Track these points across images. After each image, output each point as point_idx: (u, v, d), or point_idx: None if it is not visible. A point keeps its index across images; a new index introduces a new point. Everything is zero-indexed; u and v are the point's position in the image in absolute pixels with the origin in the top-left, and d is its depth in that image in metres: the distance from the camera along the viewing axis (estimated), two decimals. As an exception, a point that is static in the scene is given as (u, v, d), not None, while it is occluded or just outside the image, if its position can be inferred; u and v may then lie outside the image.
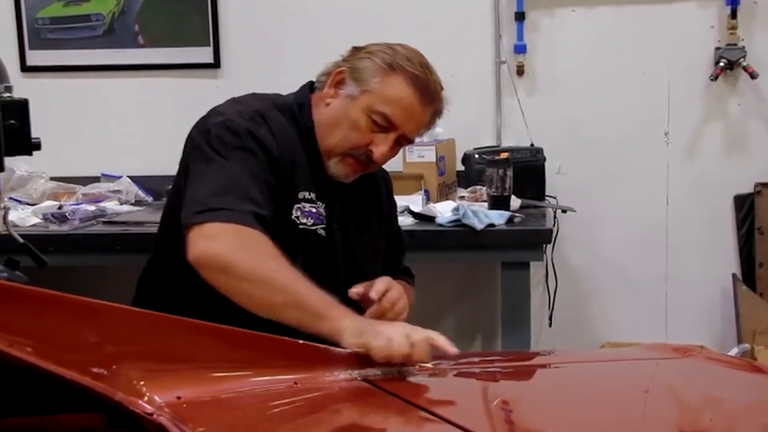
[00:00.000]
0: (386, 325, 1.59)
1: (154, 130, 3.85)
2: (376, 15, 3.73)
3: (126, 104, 3.88)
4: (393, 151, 1.99)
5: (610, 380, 1.67)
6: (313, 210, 1.96)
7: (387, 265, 2.15)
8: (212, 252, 1.70)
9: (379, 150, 1.93)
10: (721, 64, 3.58)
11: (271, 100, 2.03)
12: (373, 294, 1.84)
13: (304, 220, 1.95)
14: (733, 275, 3.68)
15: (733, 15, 3.56)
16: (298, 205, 1.94)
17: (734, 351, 2.86)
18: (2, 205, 1.92)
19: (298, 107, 2.02)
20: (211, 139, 1.88)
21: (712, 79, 3.59)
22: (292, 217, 1.93)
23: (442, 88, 2.00)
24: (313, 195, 1.97)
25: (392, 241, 2.22)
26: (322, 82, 2.01)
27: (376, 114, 1.91)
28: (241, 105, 1.97)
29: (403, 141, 1.98)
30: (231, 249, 1.70)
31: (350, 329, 1.55)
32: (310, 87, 2.06)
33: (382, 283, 1.88)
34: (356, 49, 2.02)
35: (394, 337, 1.51)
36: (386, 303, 1.85)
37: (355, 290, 1.86)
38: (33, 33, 3.85)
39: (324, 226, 1.98)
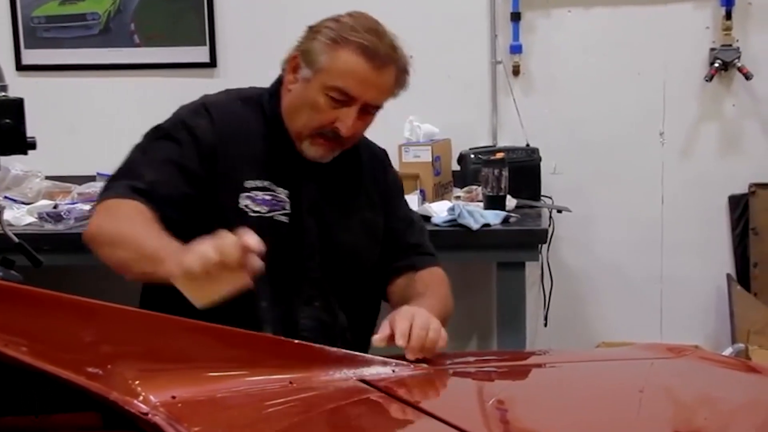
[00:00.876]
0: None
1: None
2: (373, 14, 3.71)
3: (122, 103, 3.87)
4: (362, 122, 1.97)
5: (605, 380, 1.67)
6: (268, 197, 1.96)
7: (399, 251, 2.10)
8: (86, 231, 1.83)
9: (344, 125, 1.93)
10: (716, 64, 3.58)
11: (239, 93, 2.08)
12: (399, 341, 1.66)
13: (257, 208, 1.95)
14: (728, 275, 3.68)
15: (728, 16, 3.57)
16: (247, 194, 1.95)
17: (729, 351, 2.88)
18: (-2, 205, 1.92)
19: (269, 97, 2.05)
20: (147, 133, 2.01)
21: (707, 80, 3.60)
22: (240, 206, 1.94)
23: (395, 48, 1.97)
24: (266, 183, 1.97)
25: (399, 225, 2.13)
26: (284, 69, 2.03)
27: (331, 90, 1.91)
28: (199, 99, 2.05)
29: (370, 109, 1.96)
30: (97, 222, 1.83)
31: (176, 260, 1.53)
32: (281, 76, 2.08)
33: (403, 320, 1.69)
34: (308, 30, 2.01)
35: (202, 246, 1.48)
36: (415, 344, 1.65)
37: (379, 337, 1.70)
38: (28, 32, 3.84)
39: (286, 212, 1.98)
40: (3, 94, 1.92)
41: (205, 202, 1.92)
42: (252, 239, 1.48)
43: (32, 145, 1.91)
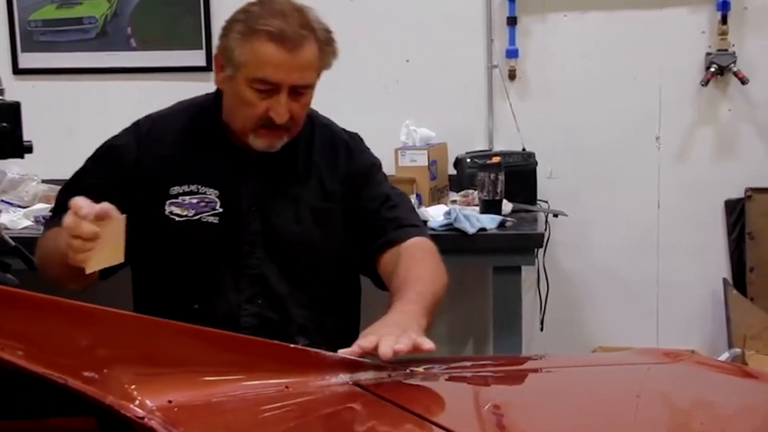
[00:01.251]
0: None
1: (146, 133, 3.84)
2: (370, 19, 3.74)
3: (118, 107, 3.86)
4: (298, 104, 1.96)
5: (601, 385, 1.67)
6: (195, 201, 2.00)
7: (376, 230, 2.05)
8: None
9: (277, 113, 1.93)
10: (712, 69, 3.59)
11: (187, 101, 2.15)
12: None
13: (184, 213, 2.00)
14: (724, 280, 3.69)
15: (724, 20, 3.57)
16: (173, 201, 2.00)
17: (725, 356, 2.88)
18: (-6, 208, 1.92)
19: (214, 98, 2.07)
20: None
21: (702, 85, 3.60)
22: (166, 213, 2.00)
23: (306, 24, 1.94)
24: (194, 186, 2.01)
25: (372, 204, 2.08)
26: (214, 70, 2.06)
27: (254, 83, 1.92)
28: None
29: (299, 90, 1.95)
30: (36, 258, 2.02)
31: None
32: None
33: (366, 341, 1.55)
34: (223, 26, 2.02)
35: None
36: (385, 357, 1.52)
37: (347, 352, 1.55)
38: (25, 35, 3.85)
39: (214, 212, 2.00)
40: (0, 97, 1.92)
41: (136, 216, 1.93)
42: (75, 202, 1.62)
43: (29, 149, 1.91)
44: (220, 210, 2.01)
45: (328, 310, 2.07)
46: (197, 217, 2.00)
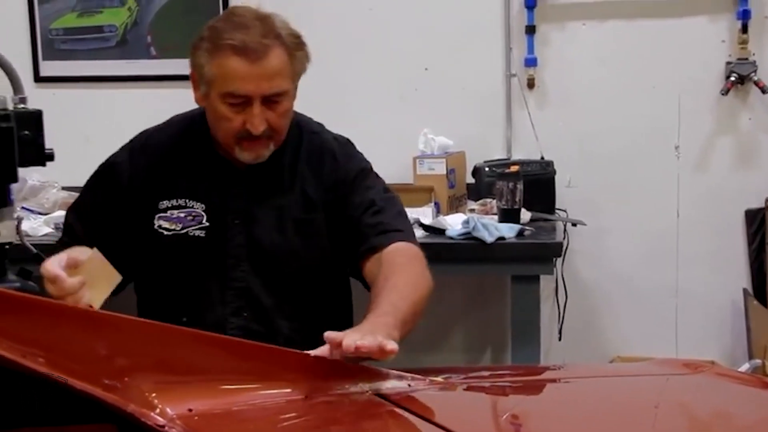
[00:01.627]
0: None
1: (165, 141, 3.86)
2: (387, 27, 3.74)
3: (138, 115, 3.86)
4: (275, 112, 1.95)
5: (619, 395, 1.66)
6: (182, 215, 2.03)
7: (359, 237, 2.01)
8: None
9: (252, 125, 1.93)
10: (732, 78, 3.57)
11: (181, 116, 2.18)
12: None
13: (172, 227, 2.02)
14: (744, 290, 3.67)
15: (744, 29, 3.56)
16: (161, 215, 2.03)
17: (745, 367, 2.86)
18: (15, 215, 1.93)
19: (203, 113, 2.08)
20: None
21: (722, 94, 3.59)
22: (155, 227, 2.03)
23: (270, 33, 1.91)
24: (182, 200, 2.03)
25: (356, 212, 2.03)
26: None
27: (226, 97, 1.93)
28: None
29: (273, 99, 1.93)
30: None
31: None
32: None
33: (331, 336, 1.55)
34: (193, 43, 2.02)
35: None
36: (347, 350, 1.50)
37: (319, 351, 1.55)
38: (47, 43, 3.87)
39: (200, 226, 2.02)
40: (22, 106, 1.92)
41: (132, 230, 2.03)
42: (47, 273, 1.70)
43: (50, 157, 1.91)
44: (207, 224, 2.02)
45: (316, 321, 1.98)
46: (184, 231, 2.02)
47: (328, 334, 1.51)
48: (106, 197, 2.10)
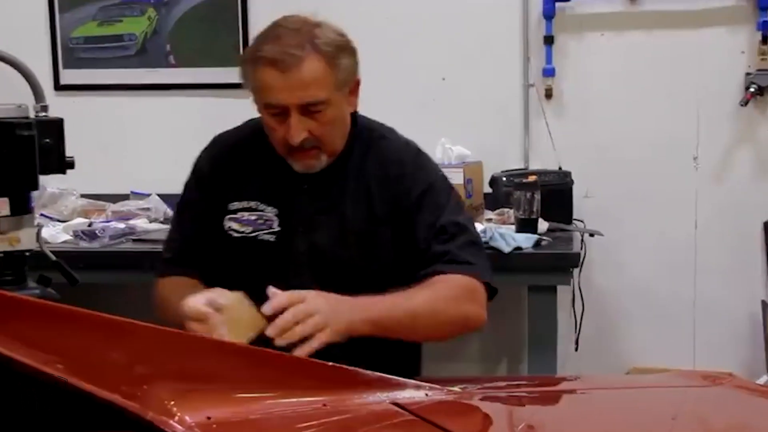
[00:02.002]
0: None
1: (183, 149, 3.85)
2: (406, 37, 3.75)
3: (157, 123, 3.91)
4: (316, 121, 1.94)
5: (637, 407, 1.66)
6: (253, 218, 2.04)
7: (423, 261, 1.97)
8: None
9: (290, 135, 1.93)
10: (752, 89, 3.56)
11: (253, 120, 2.14)
12: (269, 331, 1.70)
13: (242, 229, 2.04)
14: (762, 302, 3.65)
15: (764, 40, 3.55)
16: (232, 216, 2.05)
17: (764, 379, 2.85)
18: (36, 223, 1.94)
19: None
20: None
21: (742, 105, 3.58)
22: (225, 228, 2.05)
23: (298, 44, 1.91)
24: (254, 203, 2.04)
25: (424, 233, 2.00)
26: None
27: (266, 108, 1.95)
28: None
29: (312, 108, 1.93)
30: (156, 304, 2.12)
31: None
32: None
33: (278, 299, 1.72)
34: None
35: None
36: (279, 323, 1.70)
37: (264, 309, 1.73)
38: (67, 52, 3.90)
39: (270, 230, 2.02)
40: (44, 114, 1.94)
41: (207, 231, 2.07)
42: (193, 306, 1.71)
43: (71, 165, 1.93)
44: (278, 229, 2.03)
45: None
46: (254, 234, 2.03)
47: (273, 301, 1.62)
48: (191, 197, 2.16)
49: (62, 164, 1.91)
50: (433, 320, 1.85)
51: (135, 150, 3.94)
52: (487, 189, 3.59)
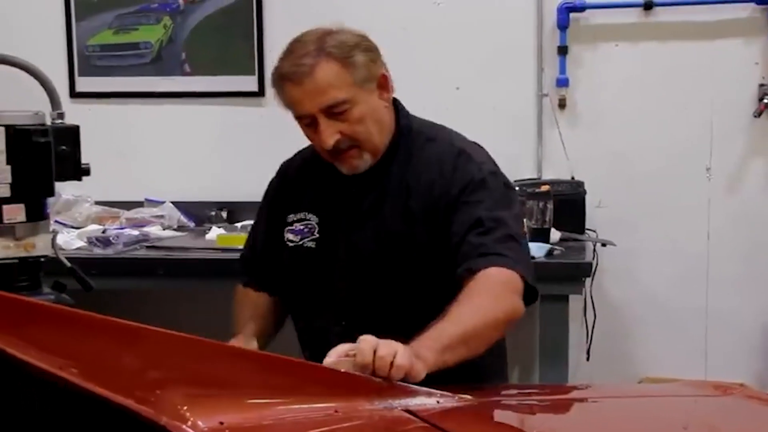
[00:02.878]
0: None
1: (197, 157, 3.90)
2: (421, 47, 3.76)
3: (171, 131, 3.93)
4: (345, 123, 1.96)
5: (648, 416, 1.66)
6: (301, 227, 2.11)
7: (460, 257, 1.92)
8: None
9: (322, 140, 1.97)
10: (765, 100, 3.56)
11: None
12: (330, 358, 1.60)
13: (294, 239, 2.11)
14: (775, 313, 3.64)
15: (778, 52, 3.56)
16: (289, 227, 2.12)
17: (775, 390, 2.83)
18: (51, 229, 1.96)
19: None
20: None
21: (755, 116, 3.58)
22: (284, 239, 2.13)
23: (307, 53, 1.95)
24: (303, 213, 2.11)
25: (460, 228, 1.95)
26: None
27: (299, 121, 2.01)
28: None
29: (336, 110, 1.95)
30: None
31: None
32: None
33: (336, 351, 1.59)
34: None
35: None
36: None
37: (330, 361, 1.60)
38: (83, 60, 3.93)
39: (313, 237, 2.09)
40: (60, 121, 1.96)
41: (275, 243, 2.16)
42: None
43: (86, 172, 1.95)
44: (317, 235, 2.09)
45: (412, 335, 1.84)
46: (301, 242, 2.10)
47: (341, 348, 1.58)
48: (260, 214, 2.27)
49: (78, 171, 1.92)
50: (484, 332, 1.80)
51: (149, 157, 3.96)
52: (500, 198, 3.59)
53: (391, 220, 2.03)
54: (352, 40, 2.01)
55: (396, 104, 2.13)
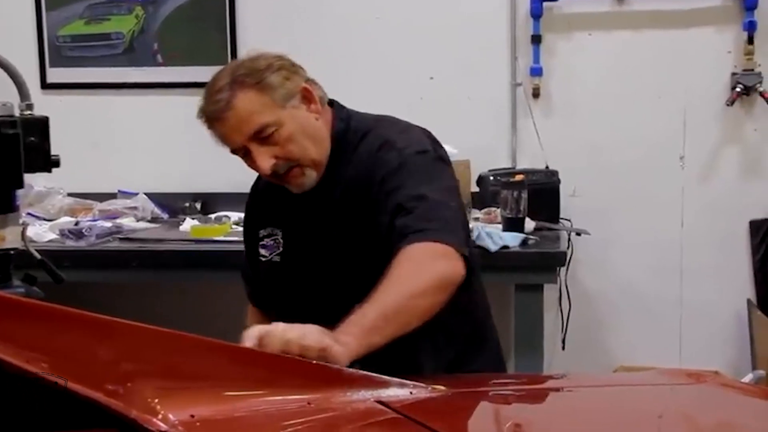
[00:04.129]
0: None
1: (170, 148, 3.87)
2: (394, 36, 3.75)
3: (144, 122, 3.91)
4: (277, 145, 1.95)
5: (622, 405, 1.66)
6: (270, 242, 2.12)
7: (391, 242, 1.86)
8: None
9: (258, 168, 1.99)
10: (738, 89, 3.58)
11: None
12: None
13: (265, 253, 2.13)
14: (748, 300, 3.66)
15: (750, 41, 3.57)
16: (261, 243, 2.14)
17: (749, 377, 2.86)
18: (21, 221, 1.94)
19: None
20: None
21: (728, 104, 3.60)
22: (258, 255, 2.14)
23: (223, 88, 1.95)
24: (269, 229, 2.13)
25: (387, 217, 1.90)
26: None
27: (235, 154, 2.02)
28: None
29: (263, 135, 1.94)
30: None
31: None
32: None
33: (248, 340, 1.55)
34: None
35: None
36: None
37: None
38: (54, 50, 3.89)
39: (278, 252, 2.11)
40: (29, 112, 1.94)
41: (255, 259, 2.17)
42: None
43: (56, 163, 1.93)
44: (281, 249, 2.10)
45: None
46: (270, 257, 2.12)
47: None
48: (244, 229, 2.27)
49: (47, 163, 1.91)
50: (411, 304, 1.73)
51: (122, 149, 3.93)
52: (474, 188, 3.60)
53: (343, 226, 2.02)
54: (262, 64, 1.98)
55: (334, 107, 2.09)
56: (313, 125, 2.01)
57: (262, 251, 2.13)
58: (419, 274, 1.75)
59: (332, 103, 2.10)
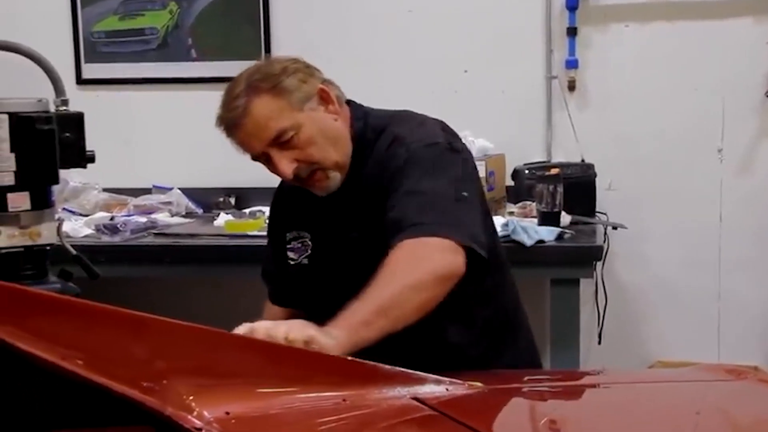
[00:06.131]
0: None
1: (205, 143, 3.85)
2: (426, 29, 3.74)
3: (178, 117, 3.92)
4: (297, 149, 1.93)
5: (660, 401, 1.64)
6: (299, 245, 2.11)
7: (388, 237, 1.83)
8: None
9: (280, 173, 1.98)
10: (777, 80, 3.53)
11: None
12: None
13: (294, 257, 2.12)
14: (787, 295, 3.62)
15: (790, 31, 3.52)
16: (289, 246, 2.13)
17: (789, 373, 2.81)
18: (57, 217, 1.95)
19: None
20: None
21: (767, 96, 3.55)
22: (287, 259, 2.13)
23: (239, 96, 1.94)
24: (297, 232, 2.12)
25: (387, 211, 1.89)
26: None
27: (256, 161, 2.02)
28: None
29: (282, 140, 1.92)
30: None
31: None
32: None
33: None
34: None
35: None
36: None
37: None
38: (89, 46, 3.92)
39: (307, 255, 2.10)
40: (64, 108, 1.95)
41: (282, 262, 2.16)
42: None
43: (91, 159, 1.93)
44: (310, 252, 2.09)
45: (415, 332, 1.76)
46: (299, 260, 2.11)
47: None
48: (269, 231, 2.27)
49: (82, 158, 1.91)
50: (405, 299, 1.70)
51: (157, 144, 3.95)
52: (510, 182, 3.58)
53: (367, 226, 2.00)
54: (277, 68, 1.97)
55: (351, 106, 2.07)
56: (332, 126, 1.99)
57: (291, 254, 2.12)
58: (417, 267, 1.73)
59: (349, 102, 2.08)
